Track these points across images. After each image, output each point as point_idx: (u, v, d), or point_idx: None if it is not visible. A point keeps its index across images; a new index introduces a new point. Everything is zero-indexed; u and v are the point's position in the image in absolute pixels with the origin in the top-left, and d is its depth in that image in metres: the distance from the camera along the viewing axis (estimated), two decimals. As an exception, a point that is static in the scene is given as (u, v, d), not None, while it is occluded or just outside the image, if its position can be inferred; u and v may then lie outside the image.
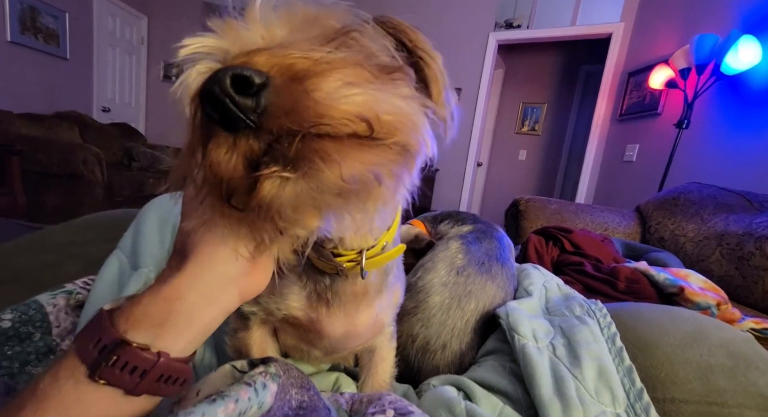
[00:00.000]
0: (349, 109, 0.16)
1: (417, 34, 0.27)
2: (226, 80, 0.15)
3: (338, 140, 0.16)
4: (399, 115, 0.17)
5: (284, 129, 0.15)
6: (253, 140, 0.16)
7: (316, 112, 0.15)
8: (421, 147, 0.19)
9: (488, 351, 0.48)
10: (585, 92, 3.78)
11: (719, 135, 1.84)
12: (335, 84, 0.16)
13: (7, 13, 2.54)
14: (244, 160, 0.16)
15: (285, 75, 0.15)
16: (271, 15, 0.21)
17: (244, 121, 0.15)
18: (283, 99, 0.15)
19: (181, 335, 0.22)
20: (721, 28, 1.82)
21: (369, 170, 0.17)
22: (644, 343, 0.39)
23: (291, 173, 0.16)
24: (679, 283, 0.76)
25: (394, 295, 0.39)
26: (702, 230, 1.16)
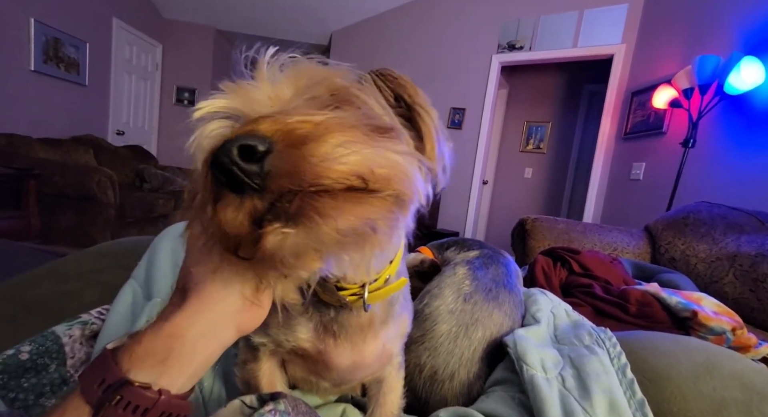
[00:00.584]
0: (343, 168, 0.17)
1: (416, 90, 0.29)
2: (233, 150, 0.16)
3: (335, 195, 0.17)
4: (392, 169, 0.19)
5: (285, 189, 0.17)
6: (257, 200, 0.17)
7: (314, 173, 0.17)
8: (415, 195, 0.21)
9: (496, 381, 0.48)
10: (589, 111, 3.81)
11: (726, 154, 1.84)
12: (331, 147, 0.17)
13: (32, 45, 2.68)
14: (249, 218, 0.17)
15: (286, 140, 0.17)
16: (278, 75, 0.24)
17: (250, 185, 0.17)
18: (284, 163, 0.17)
19: (182, 372, 0.23)
20: (722, 49, 1.85)
21: (364, 222, 0.18)
22: (655, 374, 0.39)
23: (291, 228, 0.17)
24: (692, 307, 0.75)
25: (401, 325, 0.40)
26: (714, 251, 1.14)
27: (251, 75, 0.24)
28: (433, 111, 0.28)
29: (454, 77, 3.37)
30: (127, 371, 0.21)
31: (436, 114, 0.29)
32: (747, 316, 0.93)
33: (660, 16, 2.46)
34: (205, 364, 0.24)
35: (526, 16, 3.02)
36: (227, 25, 4.19)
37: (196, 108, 0.23)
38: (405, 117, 0.28)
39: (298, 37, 4.25)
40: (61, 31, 2.89)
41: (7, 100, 2.57)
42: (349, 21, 3.86)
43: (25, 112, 2.73)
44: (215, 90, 0.24)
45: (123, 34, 3.54)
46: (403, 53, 3.60)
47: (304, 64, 0.25)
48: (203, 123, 0.23)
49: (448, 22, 3.37)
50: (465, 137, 3.34)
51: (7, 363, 0.33)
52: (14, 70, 2.62)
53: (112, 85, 3.50)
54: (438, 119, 0.29)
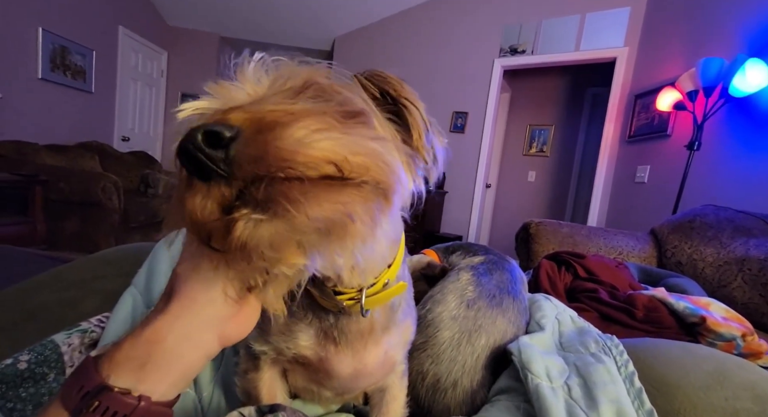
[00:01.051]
0: (314, 153, 0.17)
1: (401, 84, 0.29)
2: (197, 136, 0.16)
3: (306, 182, 0.17)
4: (368, 156, 0.19)
5: (252, 175, 0.17)
6: (224, 187, 0.17)
7: (281, 158, 0.16)
8: (395, 185, 0.20)
9: (501, 389, 0.47)
10: (592, 114, 3.80)
11: (732, 157, 1.82)
12: (301, 132, 0.17)
13: (40, 53, 2.72)
14: (218, 205, 0.17)
15: (254, 126, 0.17)
16: (262, 76, 0.24)
17: (215, 171, 0.17)
18: (251, 148, 0.17)
19: (163, 378, 0.22)
20: (726, 51, 1.84)
21: (338, 210, 0.18)
22: (664, 383, 0.38)
23: (260, 215, 0.17)
24: (701, 312, 0.73)
25: (404, 331, 0.39)
26: (721, 255, 1.12)
27: (235, 77, 0.24)
28: (420, 104, 0.28)
29: (456, 81, 3.38)
30: (106, 377, 0.21)
31: (423, 106, 0.29)
32: (757, 321, 0.91)
33: (662, 19, 2.46)
34: (187, 372, 0.24)
35: (528, 20, 3.02)
36: (231, 32, 4.24)
37: (180, 109, 0.23)
38: (393, 112, 0.28)
39: (302, 43, 4.28)
40: (68, 39, 2.94)
41: (15, 107, 2.61)
42: (352, 26, 3.89)
43: (32, 119, 2.76)
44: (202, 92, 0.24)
45: (129, 41, 3.59)
46: (405, 58, 3.61)
47: (287, 66, 0.25)
48: (188, 124, 0.23)
49: (450, 27, 3.38)
50: (468, 141, 3.34)
51: (5, 373, 0.33)
52: (22, 78, 2.66)
53: (118, 92, 3.54)
54: (425, 112, 0.29)
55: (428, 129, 0.28)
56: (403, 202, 0.28)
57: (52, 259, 0.83)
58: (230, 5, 3.73)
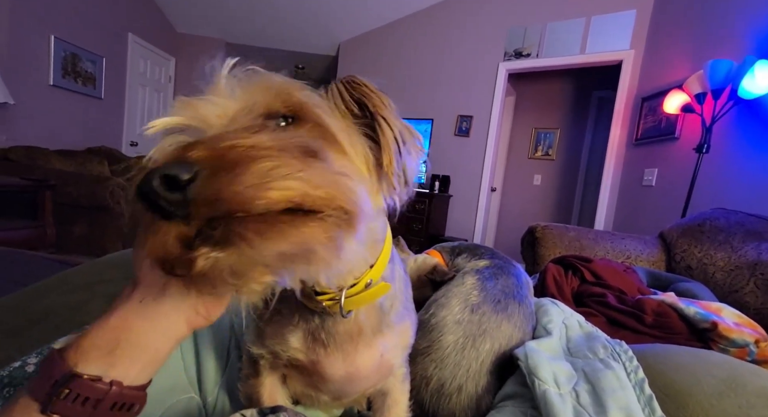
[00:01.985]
0: (272, 195, 0.17)
1: (381, 100, 0.28)
2: (154, 181, 0.17)
3: (264, 219, 0.17)
4: (331, 188, 0.19)
5: (209, 217, 0.17)
6: (184, 226, 0.17)
7: (238, 201, 0.16)
8: (360, 213, 0.20)
9: (507, 395, 0.46)
10: (598, 117, 3.77)
11: (741, 159, 1.79)
12: (259, 172, 0.17)
13: (52, 60, 2.78)
14: (179, 242, 0.17)
15: (212, 167, 0.17)
16: (235, 89, 0.24)
17: (174, 213, 0.17)
18: (208, 190, 0.17)
19: (133, 364, 0.23)
20: (734, 53, 1.82)
21: (298, 245, 0.18)
22: (675, 390, 0.37)
23: (219, 252, 0.17)
24: (712, 317, 0.72)
25: (402, 335, 0.38)
26: (732, 259, 1.10)
27: (207, 89, 0.25)
28: (395, 124, 0.28)
29: (461, 85, 3.38)
30: (74, 365, 0.21)
31: (398, 127, 0.28)
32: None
33: (669, 21, 2.44)
34: (157, 356, 0.24)
35: (533, 23, 3.02)
36: (237, 38, 4.29)
37: (149, 126, 0.24)
38: (371, 126, 0.28)
39: (307, 48, 4.32)
40: (79, 46, 3.00)
41: (26, 113, 2.66)
42: (357, 31, 3.92)
43: (43, 124, 2.82)
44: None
45: (137, 48, 3.65)
46: (410, 62, 3.63)
47: (261, 78, 0.25)
48: (160, 138, 0.24)
49: (454, 31, 3.39)
50: (472, 145, 3.33)
51: (14, 376, 0.33)
52: (34, 85, 2.71)
53: (127, 98, 3.60)
54: (403, 132, 0.28)
55: (401, 151, 0.27)
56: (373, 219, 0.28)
57: (61, 263, 0.84)
58: (237, 12, 3.78)
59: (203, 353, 0.44)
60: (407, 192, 0.29)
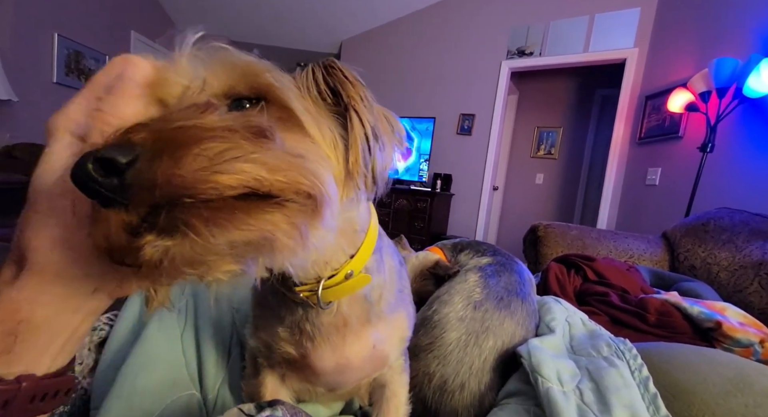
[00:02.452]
0: (222, 179, 0.15)
1: (357, 90, 0.26)
2: (87, 165, 0.15)
3: (215, 206, 0.16)
4: (290, 171, 0.17)
5: (151, 203, 0.15)
6: (126, 214, 0.16)
7: (181, 185, 0.15)
8: (324, 197, 0.19)
9: (510, 393, 0.46)
10: (601, 116, 3.75)
11: (746, 158, 1.78)
12: (207, 153, 0.15)
13: (55, 58, 2.79)
14: (123, 231, 0.16)
15: (156, 148, 0.15)
16: (199, 65, 0.22)
17: (113, 200, 0.15)
18: (149, 173, 0.15)
19: (43, 352, 0.20)
20: (739, 51, 1.80)
21: (255, 232, 0.17)
22: (680, 389, 0.36)
23: (167, 241, 0.16)
24: (716, 317, 0.71)
25: (396, 326, 0.38)
26: (737, 258, 1.09)
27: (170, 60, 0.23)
28: (367, 120, 0.26)
29: (463, 84, 3.37)
30: None
31: (375, 120, 0.26)
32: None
33: (674, 19, 2.42)
34: (75, 335, 0.21)
35: (536, 21, 3.01)
36: (239, 36, 4.29)
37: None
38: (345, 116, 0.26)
39: (309, 46, 4.32)
40: (82, 44, 3.00)
41: (30, 111, 2.67)
42: (359, 29, 3.91)
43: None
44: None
45: (140, 46, 3.65)
46: (412, 60, 3.62)
47: (226, 56, 0.23)
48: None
49: (457, 29, 3.38)
50: (475, 143, 3.32)
51: None
52: (38, 82, 2.72)
53: (129, 96, 3.61)
54: (378, 125, 0.26)
55: (370, 150, 0.26)
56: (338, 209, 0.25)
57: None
58: (239, 10, 3.78)
59: (204, 350, 0.44)
60: (376, 190, 0.27)
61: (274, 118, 0.22)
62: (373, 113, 0.26)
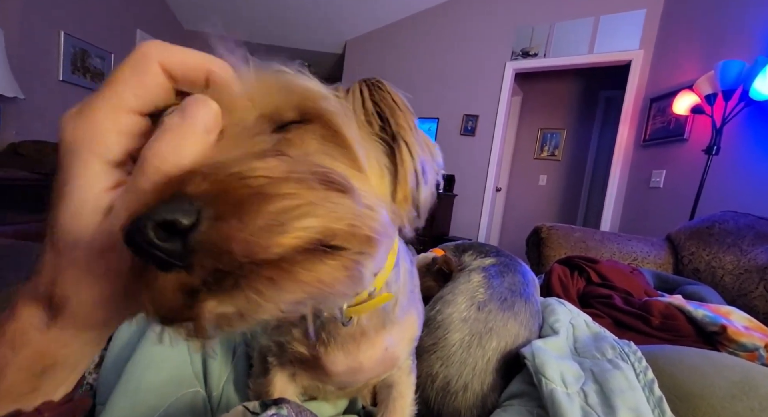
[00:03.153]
0: (289, 242, 0.14)
1: (406, 120, 0.25)
2: (148, 232, 0.14)
3: (280, 265, 0.15)
4: (353, 219, 0.16)
5: (215, 268, 0.14)
6: (185, 276, 0.15)
7: (250, 250, 0.14)
8: (382, 239, 0.18)
9: (513, 394, 0.46)
10: (606, 117, 3.74)
11: (752, 162, 1.77)
12: (273, 214, 0.14)
13: (61, 56, 2.81)
14: (180, 291, 0.15)
15: (219, 205, 0.14)
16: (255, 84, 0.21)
17: (172, 265, 0.14)
18: (215, 237, 0.14)
19: (63, 383, 0.20)
20: (746, 54, 1.79)
21: (316, 288, 0.16)
22: (685, 392, 0.36)
23: (228, 303, 0.15)
24: (721, 321, 0.71)
25: (407, 328, 0.38)
26: (742, 262, 1.09)
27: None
28: (417, 152, 0.24)
29: (467, 84, 3.37)
30: None
31: (421, 150, 0.25)
32: (780, 331, 0.87)
33: (679, 21, 2.41)
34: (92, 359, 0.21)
35: (541, 22, 3.00)
36: (244, 35, 4.28)
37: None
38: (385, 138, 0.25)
39: (313, 46, 4.33)
40: (88, 42, 3.02)
41: (36, 108, 2.68)
42: (364, 30, 3.92)
43: (52, 119, 2.84)
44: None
45: (145, 45, 3.68)
46: (416, 60, 3.62)
47: (286, 80, 0.22)
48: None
49: (461, 30, 3.38)
50: (478, 144, 3.32)
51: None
52: (44, 80, 2.74)
53: (134, 94, 3.63)
54: (424, 157, 0.25)
55: (417, 183, 0.24)
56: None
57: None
58: (244, 9, 3.80)
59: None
60: (416, 223, 0.26)
61: (318, 137, 0.21)
62: (420, 143, 0.25)
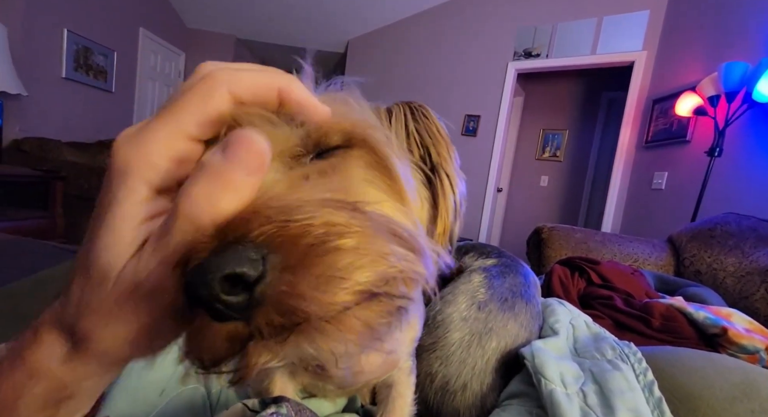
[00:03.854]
0: (346, 298, 0.14)
1: (448, 150, 0.24)
2: (215, 284, 0.13)
3: (336, 318, 0.14)
4: (406, 265, 0.15)
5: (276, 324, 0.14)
6: (241, 327, 0.14)
7: (317, 307, 0.13)
8: (425, 280, 0.17)
9: (512, 394, 0.46)
10: (608, 119, 3.73)
11: (755, 163, 1.76)
12: (340, 267, 0.14)
13: (64, 53, 2.82)
14: (230, 340, 0.14)
15: (286, 255, 0.13)
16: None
17: (231, 317, 0.14)
18: (280, 292, 0.13)
19: (78, 411, 0.19)
20: (749, 55, 1.78)
21: (364, 335, 0.15)
22: (685, 394, 0.36)
23: (280, 352, 0.14)
24: (722, 323, 0.70)
25: (409, 330, 0.38)
26: (743, 264, 1.08)
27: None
28: (458, 185, 0.24)
29: (469, 84, 3.36)
30: None
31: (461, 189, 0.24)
32: (781, 334, 0.87)
33: (683, 22, 2.40)
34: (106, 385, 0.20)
35: (543, 23, 3.00)
36: (247, 34, 4.31)
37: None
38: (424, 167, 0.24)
39: (315, 45, 4.33)
40: (91, 40, 3.03)
41: (39, 105, 2.69)
42: (366, 29, 3.92)
43: (55, 117, 2.85)
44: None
45: (148, 42, 3.68)
46: (418, 60, 3.61)
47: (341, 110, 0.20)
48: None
49: (464, 30, 3.37)
50: (479, 144, 3.31)
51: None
52: (47, 78, 2.74)
53: (137, 92, 3.63)
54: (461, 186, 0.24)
55: (456, 216, 0.23)
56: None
57: (71, 252, 0.85)
58: (246, 8, 3.80)
59: (209, 344, 0.44)
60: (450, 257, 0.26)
61: (363, 163, 0.20)
62: (459, 175, 0.24)
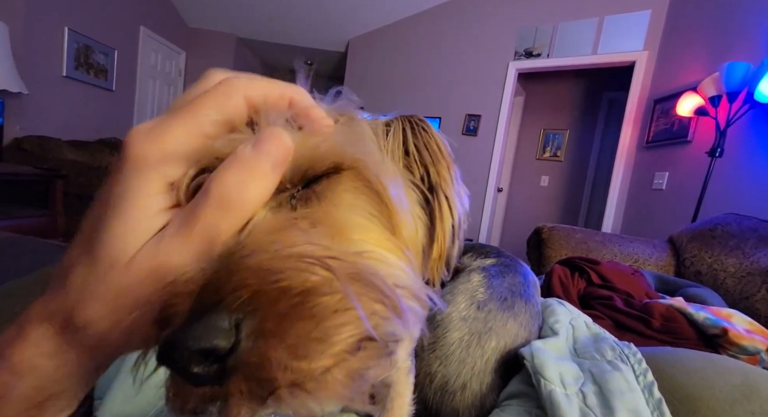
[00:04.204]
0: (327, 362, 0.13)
1: (449, 170, 0.23)
2: (185, 358, 0.12)
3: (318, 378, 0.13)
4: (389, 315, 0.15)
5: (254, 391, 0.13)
6: (217, 389, 0.13)
7: (294, 375, 0.13)
8: (416, 321, 0.17)
9: (511, 394, 0.45)
10: (608, 119, 3.73)
11: (756, 164, 1.76)
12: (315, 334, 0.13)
13: (65, 52, 2.82)
14: (208, 400, 0.14)
15: (259, 319, 0.13)
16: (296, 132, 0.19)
17: (206, 384, 0.13)
18: (254, 361, 0.13)
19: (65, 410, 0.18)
20: (751, 55, 1.78)
21: (352, 383, 0.14)
22: (685, 395, 0.36)
23: (261, 409, 0.14)
24: (722, 323, 0.70)
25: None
26: (744, 265, 1.08)
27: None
28: (456, 210, 0.22)
29: (470, 84, 3.36)
30: None
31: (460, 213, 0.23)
32: (782, 335, 0.87)
33: (684, 22, 2.40)
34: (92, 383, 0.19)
35: (544, 23, 2.99)
36: (247, 33, 4.31)
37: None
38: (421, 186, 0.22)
39: (316, 44, 4.33)
40: (92, 38, 3.03)
41: (40, 104, 2.69)
42: (366, 28, 3.91)
43: (55, 115, 2.85)
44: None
45: (149, 41, 3.68)
46: (419, 59, 3.61)
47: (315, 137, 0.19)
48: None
49: (464, 29, 3.37)
50: (480, 144, 3.31)
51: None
52: (47, 76, 2.74)
53: (138, 91, 3.63)
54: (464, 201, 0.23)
55: (454, 240, 0.22)
56: None
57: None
58: (247, 7, 3.80)
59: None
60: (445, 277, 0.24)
61: (351, 188, 0.19)
62: (459, 195, 0.23)
